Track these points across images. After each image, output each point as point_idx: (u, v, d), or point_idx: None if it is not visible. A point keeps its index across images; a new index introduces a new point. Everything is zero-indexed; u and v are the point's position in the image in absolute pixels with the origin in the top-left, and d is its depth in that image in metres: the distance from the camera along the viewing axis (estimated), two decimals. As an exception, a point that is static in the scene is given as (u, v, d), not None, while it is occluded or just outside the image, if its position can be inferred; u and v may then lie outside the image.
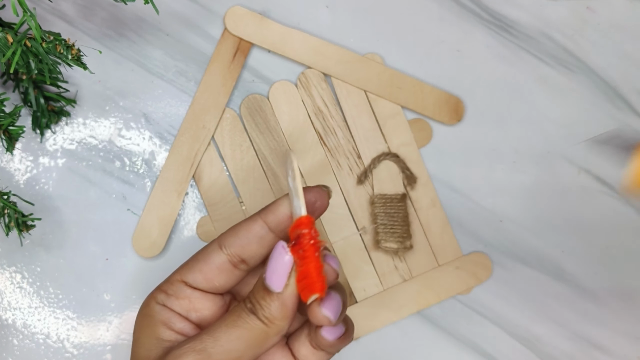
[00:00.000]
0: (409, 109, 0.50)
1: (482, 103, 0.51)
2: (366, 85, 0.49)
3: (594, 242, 0.52)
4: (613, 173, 0.52)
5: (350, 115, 0.49)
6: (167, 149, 0.49)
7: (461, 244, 0.51)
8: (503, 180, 0.51)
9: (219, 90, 0.48)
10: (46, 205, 0.47)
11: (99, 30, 0.48)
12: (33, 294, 0.47)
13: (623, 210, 0.52)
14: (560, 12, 0.52)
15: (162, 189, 0.48)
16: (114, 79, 0.48)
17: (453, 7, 0.51)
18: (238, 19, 0.48)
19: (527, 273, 0.51)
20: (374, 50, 0.50)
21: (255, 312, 0.29)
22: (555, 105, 0.52)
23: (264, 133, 0.49)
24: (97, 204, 0.48)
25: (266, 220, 0.31)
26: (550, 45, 0.52)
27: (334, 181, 0.49)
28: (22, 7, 0.35)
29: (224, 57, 0.48)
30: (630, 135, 0.49)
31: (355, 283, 0.49)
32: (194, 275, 0.32)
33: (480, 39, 0.51)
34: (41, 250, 0.47)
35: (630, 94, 0.52)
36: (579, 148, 0.52)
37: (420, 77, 0.51)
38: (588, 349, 0.52)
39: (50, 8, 0.48)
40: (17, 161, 0.47)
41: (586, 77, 0.52)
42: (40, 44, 0.38)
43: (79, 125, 0.48)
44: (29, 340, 0.47)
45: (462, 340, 0.51)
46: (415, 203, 0.50)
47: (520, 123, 0.52)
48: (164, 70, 0.49)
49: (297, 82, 0.49)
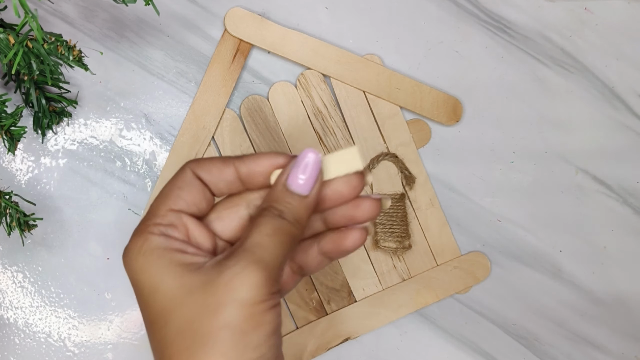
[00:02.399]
0: (407, 110, 0.51)
1: (480, 104, 0.51)
2: (365, 86, 0.50)
3: (591, 242, 0.52)
4: (610, 173, 0.52)
5: (349, 115, 0.50)
6: (167, 149, 0.49)
7: (459, 244, 0.51)
8: (501, 180, 0.52)
9: (219, 91, 0.49)
10: (48, 205, 0.48)
11: (100, 31, 0.48)
12: (34, 293, 0.48)
13: (620, 210, 0.52)
14: (558, 13, 0.52)
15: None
16: (115, 80, 0.48)
17: (451, 8, 0.51)
18: (238, 20, 0.48)
19: (525, 272, 0.52)
20: (372, 51, 0.50)
21: (284, 217, 0.30)
22: (553, 105, 0.52)
23: (264, 133, 0.49)
24: (98, 203, 0.48)
25: (239, 169, 0.32)
26: (548, 46, 0.52)
27: (333, 181, 0.50)
28: (24, 9, 0.35)
29: (224, 58, 0.49)
30: None
31: (355, 282, 0.50)
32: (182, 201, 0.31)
33: (479, 40, 0.52)
34: (42, 249, 0.48)
35: (627, 95, 0.53)
36: (576, 148, 0.52)
37: (418, 77, 0.51)
38: (586, 348, 0.52)
39: (52, 9, 0.48)
40: (18, 161, 0.48)
41: (584, 78, 0.52)
42: (42, 45, 0.38)
43: (80, 125, 0.48)
44: (30, 339, 0.47)
45: (461, 339, 0.51)
46: (414, 203, 0.50)
47: (518, 123, 0.52)
48: (164, 71, 0.49)
49: (297, 83, 0.49)
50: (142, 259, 0.30)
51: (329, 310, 0.49)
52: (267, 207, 0.30)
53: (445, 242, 0.51)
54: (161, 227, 0.30)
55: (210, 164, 0.32)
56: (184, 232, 0.31)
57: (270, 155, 0.32)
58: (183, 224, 0.31)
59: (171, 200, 0.31)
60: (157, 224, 0.30)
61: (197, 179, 0.32)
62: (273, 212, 0.30)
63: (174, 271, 0.29)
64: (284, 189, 0.31)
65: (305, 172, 0.30)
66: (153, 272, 0.29)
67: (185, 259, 0.30)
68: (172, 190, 0.32)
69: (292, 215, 0.30)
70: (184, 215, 0.31)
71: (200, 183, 0.32)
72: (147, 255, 0.30)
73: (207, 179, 0.32)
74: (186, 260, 0.30)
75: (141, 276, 0.30)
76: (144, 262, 0.30)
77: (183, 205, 0.31)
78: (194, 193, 0.31)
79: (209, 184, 0.32)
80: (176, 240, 0.30)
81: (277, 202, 0.30)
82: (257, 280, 0.28)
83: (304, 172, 0.30)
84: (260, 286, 0.28)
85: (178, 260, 0.29)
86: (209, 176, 0.32)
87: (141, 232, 0.30)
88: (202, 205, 0.32)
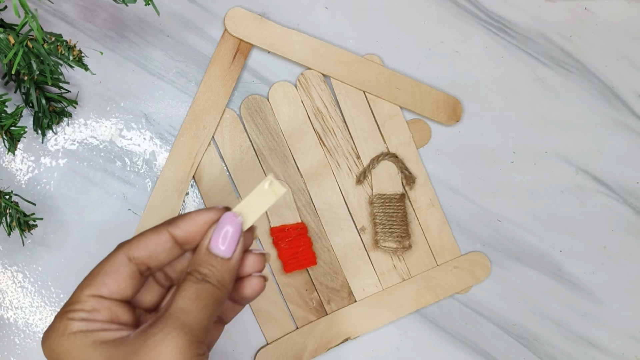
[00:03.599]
0: (407, 110, 0.51)
1: (480, 104, 0.51)
2: (365, 86, 0.50)
3: (591, 242, 0.52)
4: (611, 173, 0.52)
5: (349, 115, 0.50)
6: (167, 149, 0.49)
7: (459, 244, 0.51)
8: (501, 180, 0.52)
9: (219, 91, 0.49)
10: (47, 205, 0.48)
11: (100, 31, 0.48)
12: (34, 293, 0.48)
13: (620, 210, 0.52)
14: (558, 13, 0.52)
15: (162, 189, 0.48)
16: (114, 80, 0.48)
17: (451, 8, 0.51)
18: (238, 20, 0.48)
19: (525, 272, 0.52)
20: (373, 51, 0.50)
21: (208, 279, 0.31)
22: (553, 105, 0.52)
23: (264, 133, 0.49)
24: (98, 204, 0.48)
25: (175, 235, 0.32)
26: (548, 46, 0.52)
27: (333, 181, 0.50)
28: (24, 9, 0.35)
29: (224, 58, 0.49)
30: None
31: (355, 282, 0.50)
32: (106, 288, 0.31)
33: (479, 40, 0.52)
34: (42, 249, 0.48)
35: (627, 95, 0.53)
36: (576, 148, 0.52)
37: (418, 77, 0.51)
38: (586, 348, 0.52)
39: (52, 9, 0.48)
40: (18, 161, 0.48)
41: (584, 78, 0.52)
42: (42, 45, 0.38)
43: (80, 125, 0.48)
44: (30, 339, 0.47)
45: (461, 339, 0.51)
46: (414, 203, 0.50)
47: (518, 123, 0.52)
48: (164, 71, 0.49)
49: (297, 83, 0.49)
50: (66, 342, 0.30)
51: (329, 310, 0.49)
52: (190, 272, 0.31)
53: (445, 242, 0.51)
54: (82, 312, 0.31)
55: (143, 240, 0.32)
56: (106, 315, 0.31)
57: (201, 213, 0.32)
58: (106, 307, 0.31)
59: (94, 287, 0.31)
60: (78, 309, 0.31)
61: (130, 261, 0.32)
62: (197, 276, 0.31)
63: (99, 349, 0.29)
64: (207, 252, 0.31)
65: (227, 235, 0.31)
66: (77, 353, 0.30)
67: (109, 335, 0.30)
68: (98, 275, 0.32)
69: (216, 278, 0.31)
70: (106, 300, 0.31)
71: (130, 266, 0.32)
72: (71, 337, 0.30)
73: (144, 256, 0.32)
74: (109, 337, 0.30)
75: (66, 357, 0.30)
76: (68, 344, 0.30)
77: (105, 291, 0.31)
78: (120, 280, 0.32)
79: (149, 259, 0.32)
80: (98, 322, 0.30)
81: (200, 265, 0.31)
82: (181, 345, 0.28)
83: (226, 235, 0.31)
84: (185, 350, 0.28)
85: (102, 338, 0.30)
86: (146, 252, 0.32)
87: (61, 318, 0.31)
88: (128, 291, 0.32)
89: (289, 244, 0.48)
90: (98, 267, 0.32)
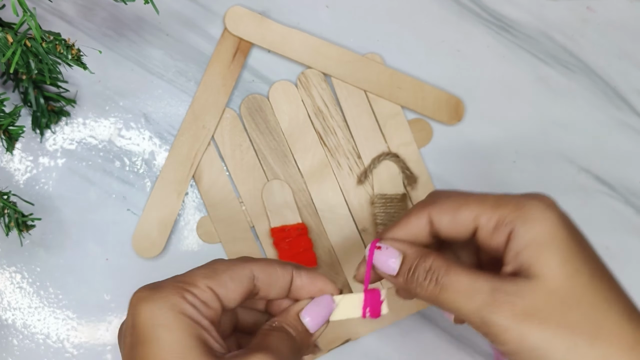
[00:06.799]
0: (409, 109, 0.50)
1: (482, 103, 0.51)
2: (366, 85, 0.49)
3: (593, 242, 0.52)
4: (613, 173, 0.52)
5: (350, 115, 0.50)
6: (167, 149, 0.49)
7: (461, 244, 0.51)
8: (503, 179, 0.51)
9: (219, 90, 0.48)
10: (46, 205, 0.47)
11: (98, 30, 0.48)
12: (33, 294, 0.47)
13: (623, 210, 0.52)
14: (560, 12, 0.52)
15: (162, 189, 0.48)
16: (113, 79, 0.48)
17: (453, 7, 0.51)
18: (238, 19, 0.48)
19: (527, 273, 0.51)
20: (374, 50, 0.50)
21: (293, 338, 0.32)
22: (555, 105, 0.52)
23: (264, 133, 0.49)
24: (97, 204, 0.48)
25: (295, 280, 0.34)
26: (550, 45, 0.52)
27: (334, 181, 0.49)
28: (22, 7, 0.35)
29: (224, 57, 0.48)
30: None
31: (356, 283, 0.49)
32: (225, 290, 0.31)
33: (481, 38, 0.51)
34: (41, 250, 0.47)
35: (629, 94, 0.52)
36: (578, 148, 0.52)
37: (420, 77, 0.51)
38: (588, 349, 0.52)
39: (50, 8, 0.48)
40: (17, 161, 0.47)
41: (586, 77, 0.52)
42: (40, 44, 0.38)
43: (79, 125, 0.48)
44: (28, 340, 0.47)
45: (462, 340, 0.51)
46: (416, 203, 0.50)
47: (520, 123, 0.52)
48: (163, 70, 0.49)
49: (297, 82, 0.49)
50: (174, 320, 0.29)
51: (330, 311, 0.49)
52: (278, 327, 0.32)
53: (446, 242, 0.51)
54: (197, 299, 0.30)
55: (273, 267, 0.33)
56: (213, 315, 0.30)
57: (325, 281, 0.34)
58: (216, 307, 0.31)
59: (215, 282, 0.31)
60: (195, 294, 0.30)
61: (250, 279, 0.32)
62: (283, 330, 0.32)
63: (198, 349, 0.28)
64: (297, 316, 0.33)
65: (320, 314, 0.34)
66: (178, 337, 0.28)
67: (210, 342, 0.29)
68: (223, 274, 0.31)
69: (300, 338, 0.33)
70: (217, 301, 0.31)
71: (249, 284, 0.32)
72: (179, 317, 0.29)
73: (263, 281, 0.33)
74: (210, 344, 0.29)
75: (164, 334, 0.28)
76: (175, 323, 0.29)
77: (223, 292, 0.31)
78: (238, 290, 0.32)
79: (262, 286, 0.33)
80: (206, 319, 0.30)
81: (288, 325, 0.33)
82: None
83: (318, 313, 0.34)
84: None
85: (205, 339, 0.29)
86: (268, 279, 0.33)
87: (175, 291, 0.29)
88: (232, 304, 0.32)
89: (289, 244, 0.48)
90: (223, 267, 0.31)
